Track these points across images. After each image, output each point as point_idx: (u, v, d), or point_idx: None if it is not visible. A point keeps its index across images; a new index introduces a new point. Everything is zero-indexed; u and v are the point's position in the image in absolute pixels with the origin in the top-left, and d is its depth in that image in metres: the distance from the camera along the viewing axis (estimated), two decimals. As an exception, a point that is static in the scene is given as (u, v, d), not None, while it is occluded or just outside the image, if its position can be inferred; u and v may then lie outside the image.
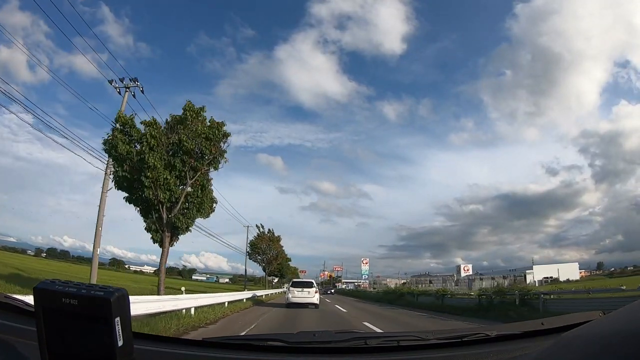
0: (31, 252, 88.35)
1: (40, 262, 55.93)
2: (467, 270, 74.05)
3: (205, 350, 1.33)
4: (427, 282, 67.54)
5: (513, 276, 52.18)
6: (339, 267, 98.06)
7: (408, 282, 71.98)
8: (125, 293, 0.84)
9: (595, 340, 0.73)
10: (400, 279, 78.84)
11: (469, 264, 78.65)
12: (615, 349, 0.65)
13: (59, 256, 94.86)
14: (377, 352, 1.39)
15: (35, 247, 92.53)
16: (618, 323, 0.74)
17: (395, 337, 1.47)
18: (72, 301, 0.80)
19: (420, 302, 22.98)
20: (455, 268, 79.95)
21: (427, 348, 1.39)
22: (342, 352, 1.42)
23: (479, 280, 53.46)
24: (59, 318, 0.82)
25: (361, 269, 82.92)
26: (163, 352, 1.23)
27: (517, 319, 10.71)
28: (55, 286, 0.83)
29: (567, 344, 0.82)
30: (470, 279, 59.62)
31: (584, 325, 0.87)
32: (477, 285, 47.57)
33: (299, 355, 1.39)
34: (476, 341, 1.41)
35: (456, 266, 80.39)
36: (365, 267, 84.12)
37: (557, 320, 1.45)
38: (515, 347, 1.28)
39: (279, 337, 1.50)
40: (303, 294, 18.29)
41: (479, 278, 55.87)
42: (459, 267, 76.66)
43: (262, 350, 1.41)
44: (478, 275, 64.65)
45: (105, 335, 0.80)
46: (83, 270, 50.18)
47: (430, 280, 66.80)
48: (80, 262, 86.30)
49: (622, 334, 0.67)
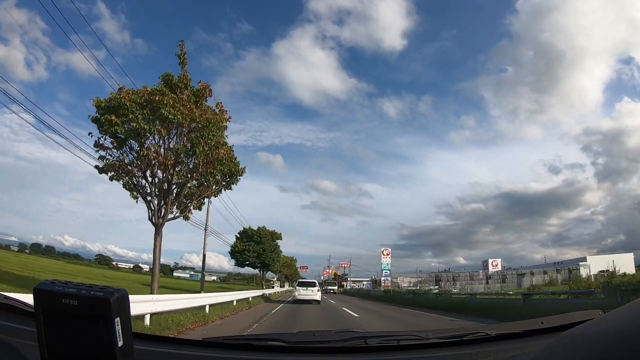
0: (14, 247, 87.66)
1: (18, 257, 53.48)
2: (495, 265, 64.59)
3: (205, 350, 1.33)
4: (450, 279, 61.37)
5: (568, 269, 42.59)
6: (345, 264, 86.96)
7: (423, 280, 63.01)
8: (125, 293, 0.84)
9: (595, 339, 0.73)
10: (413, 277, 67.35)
11: (497, 259, 68.14)
12: (615, 347, 0.65)
13: (43, 252, 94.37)
14: (377, 352, 1.40)
15: (19, 243, 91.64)
16: (618, 322, 0.74)
17: (395, 336, 1.47)
18: (72, 302, 0.80)
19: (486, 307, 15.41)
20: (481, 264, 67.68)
21: (427, 347, 1.39)
22: (342, 352, 1.42)
23: (530, 275, 46.09)
24: (59, 318, 0.83)
25: (381, 262, 67.28)
26: (163, 352, 1.23)
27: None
28: (55, 287, 0.83)
29: (567, 343, 0.82)
30: (519, 273, 50.34)
31: (584, 324, 0.87)
32: (527, 282, 42.28)
33: (299, 355, 1.39)
34: (476, 340, 1.42)
35: (482, 261, 68.84)
36: (386, 260, 67.83)
37: (556, 319, 1.45)
38: (515, 346, 1.28)
39: (279, 337, 1.50)
40: (307, 292, 22.49)
41: (529, 272, 47.80)
42: (486, 262, 66.52)
43: (262, 350, 1.42)
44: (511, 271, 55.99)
45: (105, 336, 0.80)
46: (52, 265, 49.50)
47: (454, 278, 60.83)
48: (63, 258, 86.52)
49: (622, 333, 0.67)
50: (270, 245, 43.34)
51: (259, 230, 42.76)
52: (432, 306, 19.92)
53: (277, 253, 46.33)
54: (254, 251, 41.42)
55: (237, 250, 41.73)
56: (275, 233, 45.07)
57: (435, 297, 24.60)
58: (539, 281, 38.73)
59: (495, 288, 42.55)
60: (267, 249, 42.25)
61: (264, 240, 42.06)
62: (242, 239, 42.44)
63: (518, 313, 12.17)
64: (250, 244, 41.47)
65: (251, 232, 42.23)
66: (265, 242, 42.11)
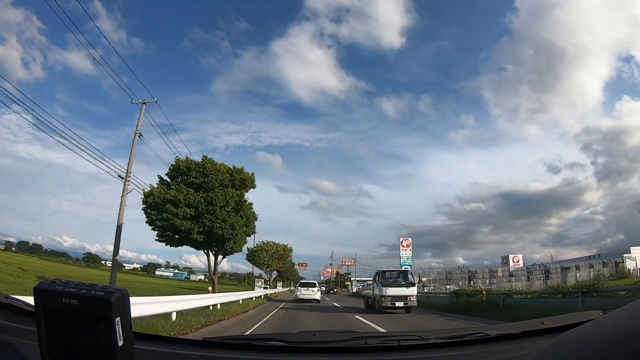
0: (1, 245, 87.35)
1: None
2: (517, 261, 57.82)
3: (206, 350, 1.33)
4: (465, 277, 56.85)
5: (614, 262, 38.84)
6: (349, 262, 76.84)
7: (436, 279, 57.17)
8: (125, 293, 0.84)
9: (595, 340, 0.73)
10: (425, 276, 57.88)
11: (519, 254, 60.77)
12: (616, 348, 0.65)
13: (30, 250, 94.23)
14: (377, 352, 1.40)
15: (5, 241, 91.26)
16: (618, 322, 0.74)
17: (396, 336, 1.47)
18: (73, 301, 0.80)
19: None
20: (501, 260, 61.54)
21: (427, 348, 1.39)
22: (343, 352, 1.42)
23: (575, 270, 40.26)
24: (59, 318, 0.83)
25: (400, 255, 54.50)
26: (163, 352, 1.23)
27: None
28: (56, 286, 0.83)
29: (567, 343, 0.82)
30: (564, 267, 43.92)
31: (584, 325, 0.87)
32: (572, 277, 37.04)
33: (299, 355, 1.39)
34: (476, 341, 1.42)
35: (502, 257, 62.31)
36: (406, 253, 55.70)
37: (557, 320, 1.45)
38: (515, 347, 1.28)
39: (279, 337, 1.50)
40: (308, 291, 23.85)
41: (574, 266, 41.90)
42: (506, 257, 60.13)
43: (263, 350, 1.42)
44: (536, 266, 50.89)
45: (106, 335, 0.80)
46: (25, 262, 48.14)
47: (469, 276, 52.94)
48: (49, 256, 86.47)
49: (622, 334, 0.67)
50: (227, 195, 22.12)
51: (204, 162, 22.38)
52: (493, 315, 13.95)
53: (245, 214, 23.94)
54: (189, 205, 20.86)
55: (154, 205, 20.65)
56: (243, 173, 24.06)
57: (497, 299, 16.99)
58: (584, 276, 34.22)
59: (536, 285, 37.21)
60: (217, 201, 21.47)
61: (212, 183, 21.75)
62: (168, 180, 22.62)
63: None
64: (183, 191, 21.15)
65: (188, 164, 22.16)
66: (217, 189, 21.89)
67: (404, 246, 56.77)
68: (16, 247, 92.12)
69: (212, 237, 22.10)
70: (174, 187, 21.51)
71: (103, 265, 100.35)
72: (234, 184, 23.48)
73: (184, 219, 20.94)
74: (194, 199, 21.09)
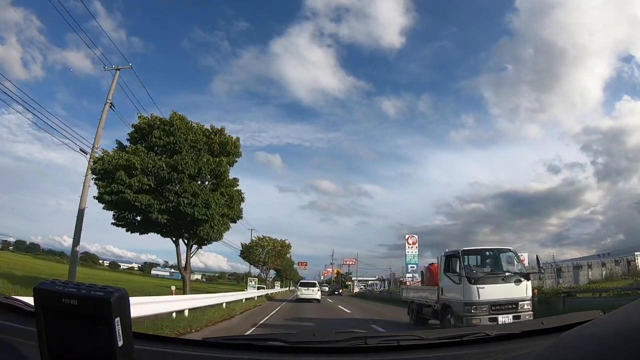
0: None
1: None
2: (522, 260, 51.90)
3: (205, 350, 1.33)
4: None
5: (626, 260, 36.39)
6: (350, 261, 73.70)
7: None
8: (125, 293, 0.84)
9: (595, 340, 0.73)
10: None
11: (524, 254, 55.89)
12: (615, 348, 0.65)
13: (27, 249, 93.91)
14: (377, 352, 1.40)
15: (2, 241, 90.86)
16: (618, 322, 0.74)
17: (396, 336, 1.47)
18: (72, 301, 0.80)
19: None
20: None
21: (427, 348, 1.39)
22: (342, 352, 1.42)
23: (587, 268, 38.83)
24: (59, 318, 0.83)
25: (406, 253, 50.41)
26: (163, 352, 1.24)
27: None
28: (55, 286, 0.83)
29: (567, 343, 0.82)
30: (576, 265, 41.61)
31: (584, 325, 0.87)
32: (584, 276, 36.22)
33: (299, 355, 1.39)
34: (476, 341, 1.42)
35: None
36: (412, 251, 51.32)
37: (557, 320, 1.46)
38: (515, 347, 1.28)
39: (279, 337, 1.50)
40: (308, 291, 24.02)
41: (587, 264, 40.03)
42: None
43: (262, 350, 1.42)
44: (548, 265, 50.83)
45: (105, 336, 0.80)
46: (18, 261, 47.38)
47: None
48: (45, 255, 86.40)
49: (622, 334, 0.67)
50: (199, 161, 16.37)
51: (172, 118, 16.88)
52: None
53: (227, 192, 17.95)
54: (146, 172, 15.70)
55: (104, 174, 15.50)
56: (224, 135, 18.46)
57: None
58: (597, 275, 34.13)
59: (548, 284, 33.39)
60: (185, 167, 15.92)
61: (180, 144, 16.25)
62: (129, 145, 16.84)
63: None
64: (141, 154, 15.80)
65: (152, 122, 16.83)
66: (187, 152, 16.37)
67: (410, 243, 53.08)
68: (13, 247, 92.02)
69: (179, 218, 15.96)
70: (129, 151, 15.62)
71: (100, 264, 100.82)
72: (211, 149, 17.37)
73: (141, 191, 15.11)
74: (153, 164, 15.27)
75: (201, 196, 15.86)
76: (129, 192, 14.90)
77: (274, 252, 46.30)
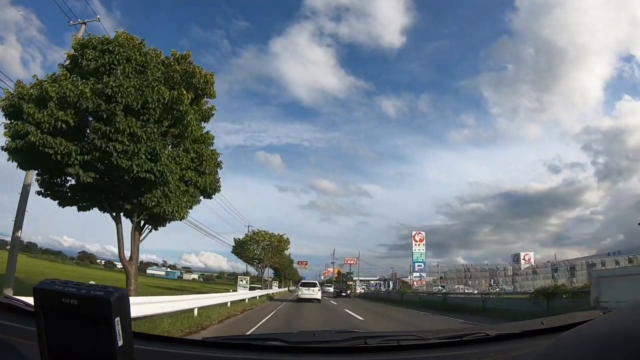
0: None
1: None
2: (528, 259, 53.83)
3: (206, 350, 1.33)
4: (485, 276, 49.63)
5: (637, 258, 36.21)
6: (351, 260, 72.57)
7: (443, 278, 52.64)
8: (125, 293, 0.84)
9: (595, 340, 0.73)
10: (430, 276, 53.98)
11: (530, 252, 56.33)
12: (615, 348, 0.65)
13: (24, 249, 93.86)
14: (377, 352, 1.40)
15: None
16: (617, 323, 0.74)
17: (395, 336, 1.47)
18: (72, 301, 0.80)
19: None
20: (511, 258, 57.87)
21: (427, 347, 1.39)
22: (342, 352, 1.42)
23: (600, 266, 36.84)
24: (59, 318, 0.83)
25: (412, 251, 47.68)
26: (163, 352, 1.24)
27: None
28: (55, 286, 0.83)
29: (567, 343, 0.82)
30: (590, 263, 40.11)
31: (584, 325, 0.87)
32: None
33: (299, 355, 1.39)
34: (476, 341, 1.42)
35: (512, 255, 58.50)
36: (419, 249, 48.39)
37: (556, 320, 1.46)
38: (515, 347, 1.28)
39: (279, 337, 1.50)
40: (309, 291, 23.93)
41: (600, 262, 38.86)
42: (517, 255, 56.01)
43: (262, 350, 1.42)
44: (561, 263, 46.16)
45: (105, 335, 0.80)
46: None
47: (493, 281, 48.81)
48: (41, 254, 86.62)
49: (621, 334, 0.67)
50: (145, 91, 10.14)
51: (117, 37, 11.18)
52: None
53: (193, 148, 12.81)
54: (64, 104, 9.84)
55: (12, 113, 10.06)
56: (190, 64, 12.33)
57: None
58: None
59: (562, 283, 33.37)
60: (122, 96, 9.82)
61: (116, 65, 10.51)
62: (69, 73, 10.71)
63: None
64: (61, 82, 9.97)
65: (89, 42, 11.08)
66: (126, 75, 10.40)
67: (417, 240, 50.53)
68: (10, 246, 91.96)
69: (111, 176, 10.61)
70: (47, 82, 10.17)
71: (98, 264, 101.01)
72: (169, 80, 11.67)
73: (54, 132, 9.92)
74: (74, 92, 9.87)
75: (145, 142, 10.25)
76: (35, 131, 9.63)
77: (270, 247, 41.89)
